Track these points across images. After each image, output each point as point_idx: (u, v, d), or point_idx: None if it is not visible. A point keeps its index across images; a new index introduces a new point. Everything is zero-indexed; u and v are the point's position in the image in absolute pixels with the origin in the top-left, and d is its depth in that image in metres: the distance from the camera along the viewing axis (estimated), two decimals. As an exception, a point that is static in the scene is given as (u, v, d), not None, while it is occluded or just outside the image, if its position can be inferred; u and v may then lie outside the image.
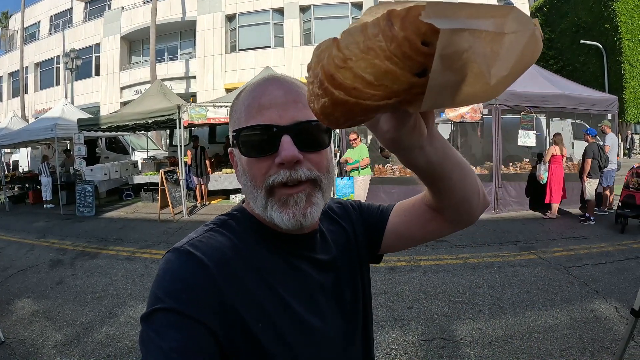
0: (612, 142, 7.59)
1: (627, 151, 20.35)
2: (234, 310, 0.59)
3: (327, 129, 0.67)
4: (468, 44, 0.34)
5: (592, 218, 6.82)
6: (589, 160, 6.92)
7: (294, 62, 18.52)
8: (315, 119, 0.66)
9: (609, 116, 8.10)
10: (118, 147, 14.60)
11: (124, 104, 19.24)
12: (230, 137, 0.70)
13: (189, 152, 9.34)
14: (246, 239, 0.68)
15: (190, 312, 0.56)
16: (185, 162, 9.41)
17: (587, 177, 6.95)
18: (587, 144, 7.09)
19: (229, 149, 0.73)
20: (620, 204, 6.54)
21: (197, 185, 9.54)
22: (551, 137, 7.84)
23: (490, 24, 0.35)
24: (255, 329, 0.60)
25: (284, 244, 0.70)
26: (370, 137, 11.04)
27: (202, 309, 0.57)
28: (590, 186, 6.97)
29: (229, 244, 0.65)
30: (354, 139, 7.22)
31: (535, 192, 7.82)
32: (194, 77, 20.02)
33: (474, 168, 8.14)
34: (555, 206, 7.32)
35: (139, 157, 13.80)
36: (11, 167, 16.64)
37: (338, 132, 8.24)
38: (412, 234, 0.84)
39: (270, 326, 0.61)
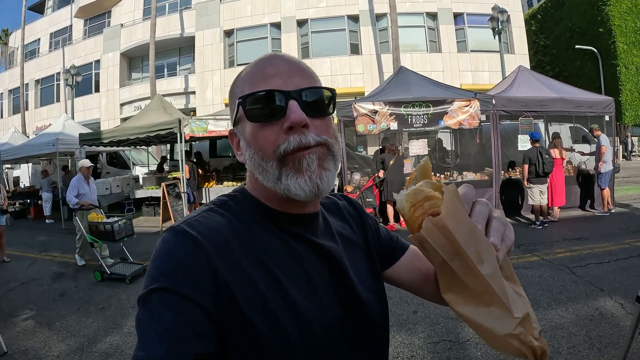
0: (607, 142, 7.60)
1: (626, 154, 20.40)
2: (228, 291, 0.58)
3: (330, 98, 0.68)
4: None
5: (537, 223, 6.95)
6: (526, 166, 6.95)
7: (292, 75, 18.62)
8: (319, 85, 0.68)
9: (607, 118, 8.15)
10: (119, 162, 14.65)
11: (124, 120, 19.30)
12: (234, 116, 0.70)
13: (186, 167, 8.97)
14: (245, 220, 0.67)
15: (184, 292, 0.55)
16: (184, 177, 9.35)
17: (527, 182, 7.00)
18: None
19: (229, 130, 0.74)
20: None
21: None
22: (550, 141, 7.88)
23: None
24: (248, 311, 0.58)
25: (284, 225, 0.68)
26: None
27: (197, 289, 0.56)
28: (532, 191, 7.01)
29: (226, 224, 0.64)
30: None
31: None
32: (194, 92, 20.08)
33: (474, 174, 8.22)
34: (557, 209, 7.32)
35: (139, 171, 13.80)
36: (12, 184, 16.64)
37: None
38: (417, 285, 0.84)
39: (264, 308, 0.60)
